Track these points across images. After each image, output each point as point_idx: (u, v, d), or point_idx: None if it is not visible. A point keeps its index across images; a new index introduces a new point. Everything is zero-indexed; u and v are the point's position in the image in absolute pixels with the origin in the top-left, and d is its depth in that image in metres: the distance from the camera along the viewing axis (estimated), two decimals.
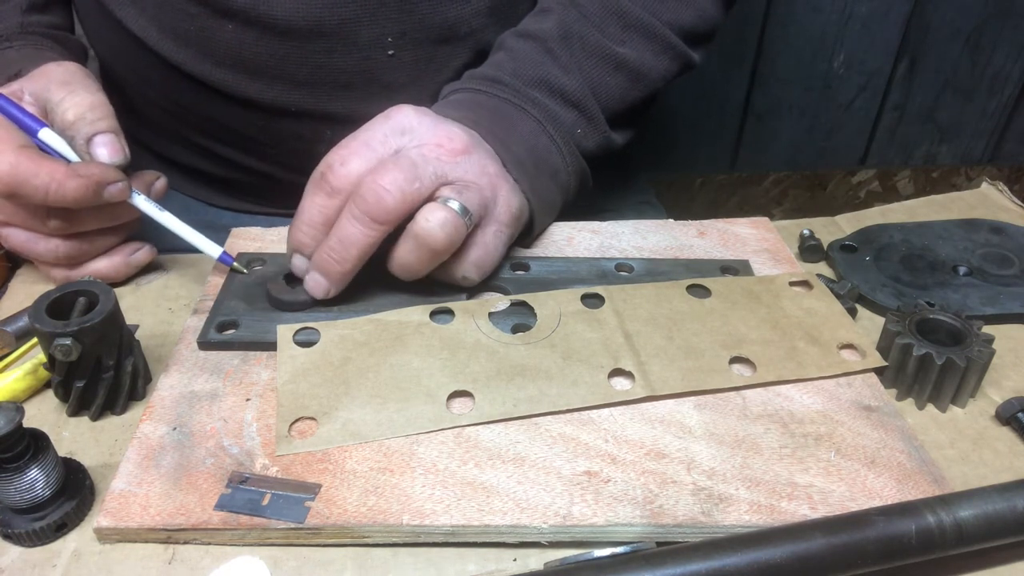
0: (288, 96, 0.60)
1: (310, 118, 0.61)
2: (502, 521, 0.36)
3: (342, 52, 0.58)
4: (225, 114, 0.62)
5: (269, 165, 0.66)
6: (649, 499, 0.37)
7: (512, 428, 0.41)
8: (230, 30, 0.57)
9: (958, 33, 1.21)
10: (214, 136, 0.65)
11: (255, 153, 0.65)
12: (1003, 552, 0.36)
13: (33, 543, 0.36)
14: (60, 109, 0.50)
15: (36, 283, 0.54)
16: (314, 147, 0.62)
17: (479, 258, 0.49)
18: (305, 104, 0.60)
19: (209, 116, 0.63)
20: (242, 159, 0.66)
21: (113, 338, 0.42)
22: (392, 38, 0.58)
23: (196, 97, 0.61)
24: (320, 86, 0.59)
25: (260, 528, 0.36)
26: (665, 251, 0.55)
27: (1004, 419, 0.43)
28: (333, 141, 0.61)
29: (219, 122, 0.63)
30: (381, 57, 0.59)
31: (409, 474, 0.38)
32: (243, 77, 0.59)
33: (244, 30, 0.57)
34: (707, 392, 0.43)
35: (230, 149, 0.65)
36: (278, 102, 0.60)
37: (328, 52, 0.58)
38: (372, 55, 0.58)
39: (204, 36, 0.58)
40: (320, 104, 0.60)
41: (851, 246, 0.57)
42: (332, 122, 0.61)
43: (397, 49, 0.59)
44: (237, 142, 0.64)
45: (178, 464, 0.38)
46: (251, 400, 0.42)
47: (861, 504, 0.37)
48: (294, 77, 0.59)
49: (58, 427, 0.42)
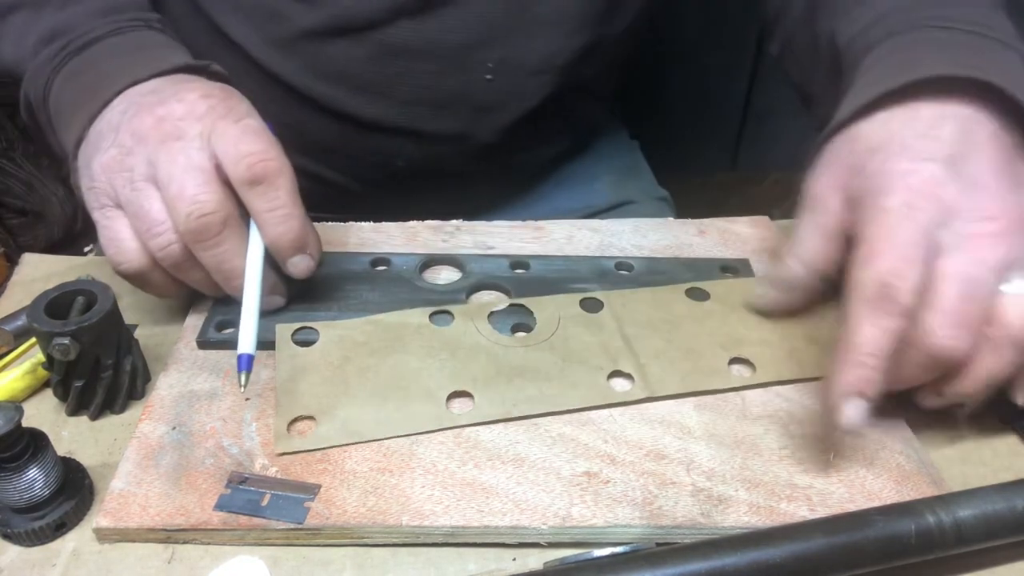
0: (386, 113, 0.61)
1: (400, 134, 0.62)
2: (501, 522, 0.36)
3: (447, 74, 0.59)
4: (316, 126, 0.62)
5: (343, 176, 0.67)
6: (648, 500, 0.37)
7: (512, 428, 0.41)
8: (341, 47, 0.58)
9: None
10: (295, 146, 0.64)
11: (330, 163, 0.66)
12: (1003, 552, 0.36)
13: (32, 543, 0.36)
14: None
15: (35, 282, 0.53)
16: (394, 161, 0.64)
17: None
18: (400, 121, 0.61)
19: (294, 126, 0.63)
20: (314, 167, 0.66)
21: (112, 337, 0.42)
22: (493, 63, 0.59)
23: (287, 106, 0.62)
24: (419, 105, 0.61)
25: (260, 528, 0.36)
26: (665, 250, 0.55)
27: (1004, 419, 0.43)
28: (412, 157, 0.64)
29: (306, 132, 0.63)
30: (480, 81, 0.60)
31: (409, 475, 0.38)
32: (346, 92, 0.60)
33: (356, 47, 0.58)
34: (706, 393, 0.43)
35: (307, 159, 0.65)
36: (374, 118, 0.61)
37: (434, 74, 0.59)
38: (473, 78, 0.60)
39: (312, 50, 0.58)
40: (414, 122, 0.62)
41: None
42: (418, 139, 0.63)
43: (495, 74, 0.60)
44: (317, 153, 0.65)
45: (177, 464, 0.38)
46: (251, 400, 0.42)
47: (860, 505, 0.37)
48: (396, 95, 0.60)
49: (57, 426, 0.42)
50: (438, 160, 0.65)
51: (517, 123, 0.63)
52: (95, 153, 0.44)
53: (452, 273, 0.52)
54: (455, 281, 0.51)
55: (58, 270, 0.54)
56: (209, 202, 0.42)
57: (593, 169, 0.77)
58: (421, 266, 0.52)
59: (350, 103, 0.60)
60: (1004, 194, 0.38)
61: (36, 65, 0.51)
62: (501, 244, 0.55)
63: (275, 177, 0.43)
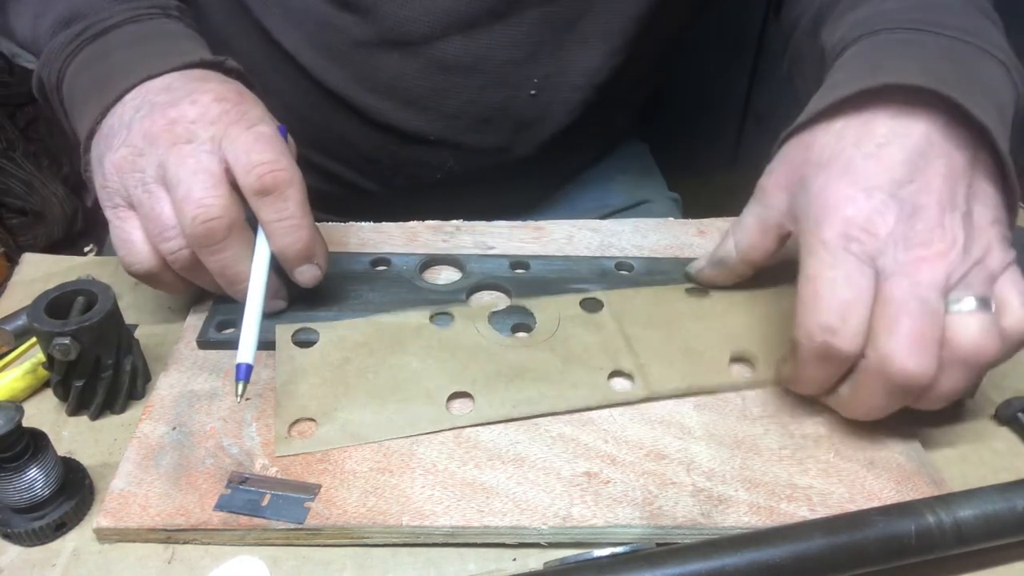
0: (431, 126, 0.61)
1: (442, 147, 0.63)
2: (502, 522, 0.36)
3: (493, 89, 0.60)
4: (358, 135, 0.63)
5: (379, 185, 0.67)
6: (649, 500, 0.37)
7: (512, 429, 0.41)
8: (394, 59, 0.58)
9: None
10: (331, 153, 0.65)
11: (368, 173, 0.66)
12: (1003, 552, 0.36)
13: (32, 542, 0.36)
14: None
15: (35, 282, 0.53)
16: (432, 172, 0.65)
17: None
18: (444, 134, 0.62)
19: (338, 134, 0.63)
20: (350, 176, 0.66)
21: (112, 337, 0.42)
22: (538, 79, 0.60)
23: (332, 115, 0.62)
24: (464, 119, 0.61)
25: (260, 528, 0.36)
26: (665, 250, 0.55)
27: (1004, 419, 0.43)
28: (451, 168, 0.64)
29: (348, 141, 0.64)
30: (524, 96, 0.61)
31: (409, 475, 0.38)
32: (393, 105, 0.60)
33: (408, 61, 0.58)
34: (707, 392, 0.43)
35: (342, 166, 0.66)
36: (419, 131, 0.61)
37: (481, 89, 0.60)
38: (518, 94, 0.61)
39: (362, 61, 0.59)
40: (457, 135, 0.62)
41: None
42: (459, 151, 0.63)
43: (539, 90, 0.61)
44: (356, 162, 0.65)
45: (178, 464, 0.38)
46: (251, 400, 0.42)
47: (860, 506, 0.37)
48: (442, 109, 0.60)
49: (57, 426, 0.42)
50: (475, 172, 0.65)
51: (554, 137, 0.64)
52: (107, 151, 0.44)
53: (452, 273, 0.52)
54: (455, 281, 0.51)
55: (58, 270, 0.54)
56: (215, 206, 0.41)
57: (609, 171, 0.78)
58: (421, 266, 0.52)
59: (396, 115, 0.61)
60: (942, 219, 0.38)
61: (52, 48, 0.50)
62: (501, 244, 0.55)
63: (285, 187, 0.42)
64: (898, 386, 0.37)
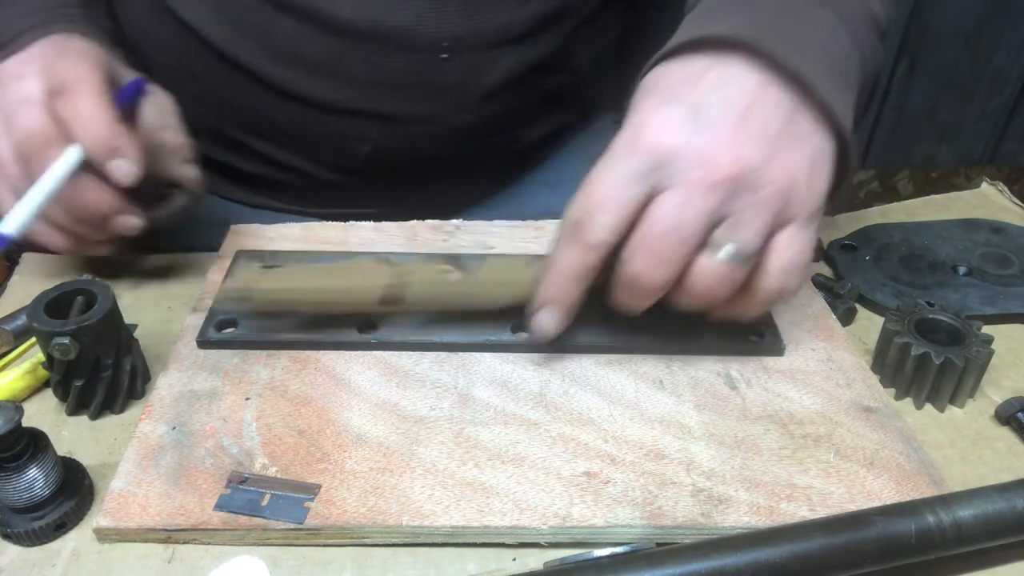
0: (340, 94, 0.60)
1: (360, 117, 0.61)
2: (501, 522, 0.36)
3: (398, 54, 0.58)
4: (273, 109, 0.62)
5: (307, 161, 0.66)
6: (648, 500, 0.37)
7: (512, 428, 0.41)
8: (289, 25, 0.57)
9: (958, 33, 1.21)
10: (255, 131, 0.65)
11: (296, 150, 0.65)
12: (1003, 552, 0.36)
13: (32, 542, 0.36)
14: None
15: (35, 282, 0.53)
16: (358, 145, 0.63)
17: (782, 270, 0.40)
18: (357, 103, 0.60)
19: (255, 110, 0.62)
20: (280, 155, 0.65)
21: (112, 337, 0.42)
22: (448, 43, 0.58)
23: (245, 91, 0.61)
24: (374, 86, 0.60)
25: (260, 528, 0.36)
26: None
27: (1003, 419, 0.43)
28: (377, 140, 0.62)
29: (265, 117, 0.63)
30: (435, 60, 0.59)
31: (409, 475, 0.38)
32: (298, 73, 0.59)
33: (302, 26, 0.57)
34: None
35: (270, 145, 0.65)
36: (330, 99, 0.60)
37: (384, 53, 0.58)
38: (427, 57, 0.59)
39: (262, 29, 0.58)
40: (371, 103, 0.60)
41: (851, 245, 0.57)
42: (380, 121, 0.61)
43: (451, 53, 0.59)
44: (279, 138, 0.64)
45: (177, 464, 0.38)
46: (250, 399, 0.42)
47: (860, 505, 0.37)
48: (349, 76, 0.59)
49: (57, 426, 0.42)
50: (408, 145, 0.63)
51: (484, 102, 0.62)
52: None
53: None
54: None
55: (58, 270, 0.55)
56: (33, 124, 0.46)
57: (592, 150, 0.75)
58: None
59: (303, 84, 0.59)
60: (739, 143, 0.38)
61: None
62: (501, 244, 0.55)
63: (75, 84, 0.46)
64: (633, 287, 0.39)
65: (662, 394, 0.43)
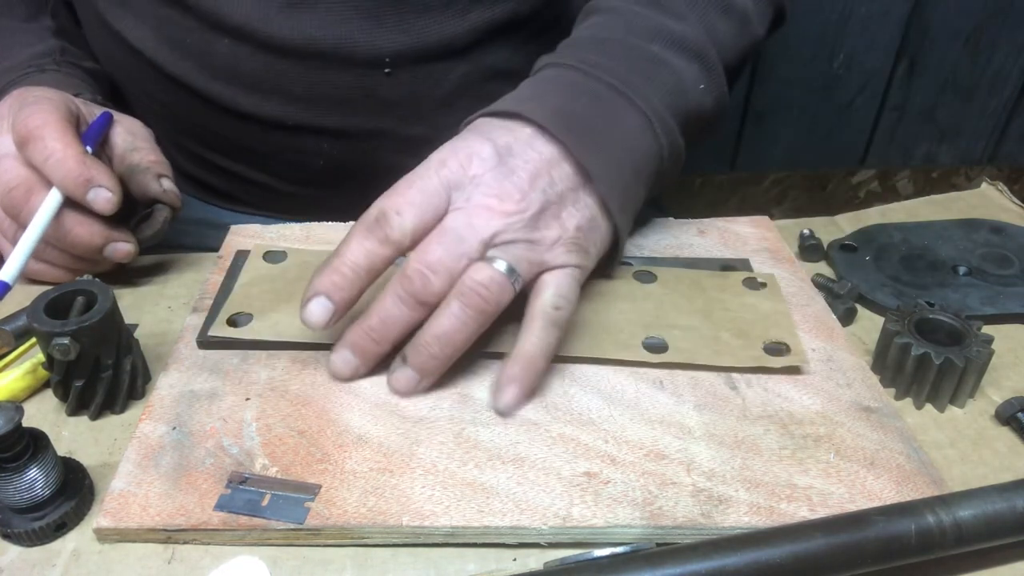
0: (284, 110, 0.60)
1: (307, 132, 0.61)
2: (502, 522, 0.36)
3: (338, 70, 0.58)
4: (223, 126, 0.62)
5: (268, 176, 0.66)
6: (649, 500, 0.37)
7: (512, 429, 0.41)
8: (226, 44, 0.57)
9: (958, 33, 1.21)
10: (212, 147, 0.65)
11: (254, 164, 0.65)
12: (1003, 552, 0.36)
13: (32, 543, 0.36)
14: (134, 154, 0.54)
15: (35, 282, 0.53)
16: (312, 160, 0.63)
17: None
18: (302, 119, 0.60)
19: (207, 127, 0.63)
20: (241, 170, 0.66)
21: (112, 337, 0.42)
22: (389, 58, 0.58)
23: (194, 109, 0.61)
24: (317, 102, 0.59)
25: (260, 529, 0.36)
26: (665, 250, 0.55)
27: (1004, 419, 0.43)
28: (331, 155, 0.62)
29: (217, 134, 0.63)
30: (378, 75, 0.59)
31: (409, 475, 0.38)
32: (239, 91, 0.59)
33: (239, 45, 0.57)
34: (614, 363, 0.45)
35: (228, 160, 0.65)
36: (274, 116, 0.60)
37: (323, 69, 0.58)
38: (369, 72, 0.58)
39: (201, 50, 0.58)
40: (317, 119, 0.60)
41: (851, 246, 0.57)
42: (329, 136, 0.61)
43: (393, 68, 0.59)
44: (235, 153, 0.65)
45: (178, 464, 0.38)
46: (251, 400, 0.42)
47: (860, 505, 0.37)
48: (290, 92, 0.59)
49: (57, 426, 0.42)
50: (364, 158, 0.63)
51: (437, 113, 0.61)
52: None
53: None
54: None
55: None
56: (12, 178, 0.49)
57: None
58: None
59: (246, 102, 0.60)
60: (527, 192, 0.44)
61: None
62: None
63: (38, 130, 0.48)
64: (403, 290, 0.41)
65: (662, 394, 0.43)
